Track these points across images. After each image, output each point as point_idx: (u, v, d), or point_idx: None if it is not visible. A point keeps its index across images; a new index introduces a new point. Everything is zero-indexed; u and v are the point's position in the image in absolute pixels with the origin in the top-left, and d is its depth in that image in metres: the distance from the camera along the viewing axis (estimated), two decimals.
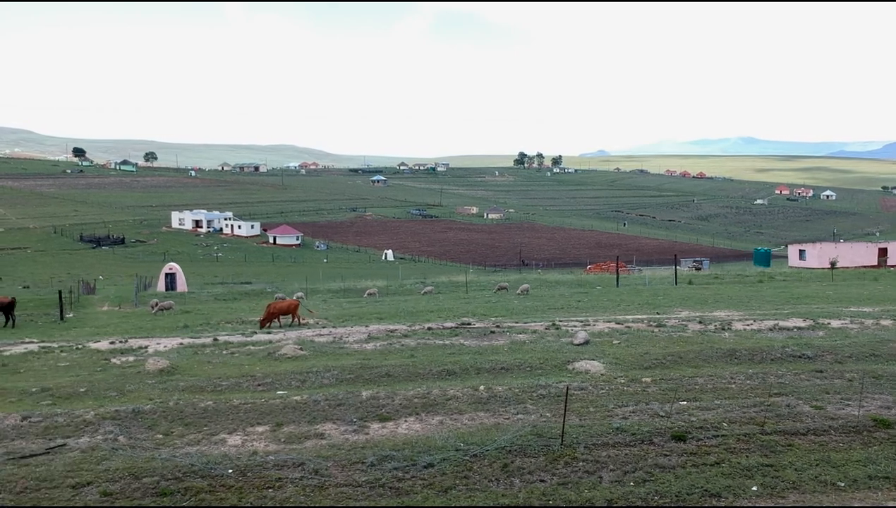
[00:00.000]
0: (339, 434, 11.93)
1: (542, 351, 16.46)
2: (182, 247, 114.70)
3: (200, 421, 12.37)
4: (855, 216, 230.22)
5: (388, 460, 10.86)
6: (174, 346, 18.11)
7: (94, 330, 23.78)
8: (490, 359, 15.61)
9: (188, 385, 14.24)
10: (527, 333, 18.77)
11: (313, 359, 16.15)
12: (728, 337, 18.10)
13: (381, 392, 13.49)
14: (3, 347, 18.49)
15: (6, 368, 16.19)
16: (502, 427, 12.11)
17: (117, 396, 13.76)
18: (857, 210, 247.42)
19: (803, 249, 54.98)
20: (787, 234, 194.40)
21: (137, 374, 15.02)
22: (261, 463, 10.78)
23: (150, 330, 22.38)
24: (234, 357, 16.81)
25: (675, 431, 11.85)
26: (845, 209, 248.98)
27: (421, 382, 14.32)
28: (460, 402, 13.18)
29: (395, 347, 17.39)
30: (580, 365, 14.90)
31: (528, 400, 13.29)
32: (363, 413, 12.64)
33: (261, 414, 12.65)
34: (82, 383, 14.41)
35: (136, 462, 10.80)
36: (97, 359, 16.91)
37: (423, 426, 12.29)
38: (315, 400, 13.14)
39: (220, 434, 11.91)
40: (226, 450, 11.28)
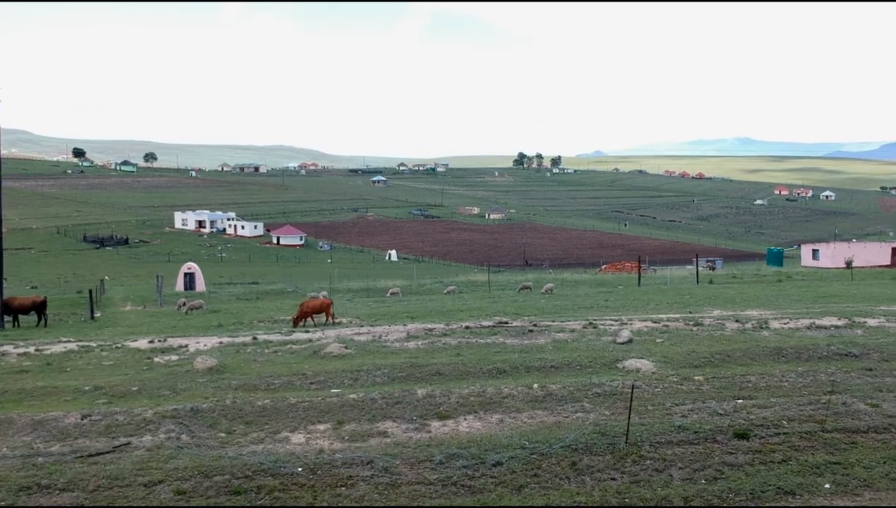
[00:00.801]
0: (401, 433, 11.93)
1: (587, 350, 16.47)
2: (186, 247, 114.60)
3: (261, 420, 12.35)
4: (855, 216, 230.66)
5: (455, 458, 10.85)
6: (215, 345, 18.08)
7: (127, 329, 23.75)
8: (538, 358, 15.62)
9: (240, 383, 14.22)
10: (565, 332, 18.78)
11: (360, 358, 16.14)
12: (768, 335, 18.12)
13: (436, 390, 13.48)
14: (42, 346, 18.45)
15: (51, 367, 16.15)
16: (563, 426, 12.12)
17: (171, 395, 13.74)
18: (856, 210, 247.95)
19: (816, 249, 55.10)
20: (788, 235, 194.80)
21: (187, 373, 15.00)
22: (329, 461, 10.76)
23: (183, 329, 22.34)
24: (278, 355, 16.79)
25: (737, 429, 11.86)
26: (845, 209, 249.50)
27: (473, 380, 14.31)
28: (517, 400, 13.18)
29: (438, 346, 17.38)
30: (630, 363, 14.91)
31: (584, 398, 13.29)
32: (422, 411, 12.64)
33: (320, 412, 12.64)
34: (134, 382, 14.39)
35: (204, 460, 10.78)
36: (140, 358, 16.89)
37: (483, 424, 12.29)
38: (372, 398, 13.13)
39: (282, 433, 11.90)
40: (291, 448, 11.27)
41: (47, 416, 12.35)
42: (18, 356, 17.54)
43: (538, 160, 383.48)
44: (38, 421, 12.19)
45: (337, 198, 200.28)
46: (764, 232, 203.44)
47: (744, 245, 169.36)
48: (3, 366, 16.38)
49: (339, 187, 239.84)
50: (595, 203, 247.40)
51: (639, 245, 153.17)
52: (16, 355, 17.61)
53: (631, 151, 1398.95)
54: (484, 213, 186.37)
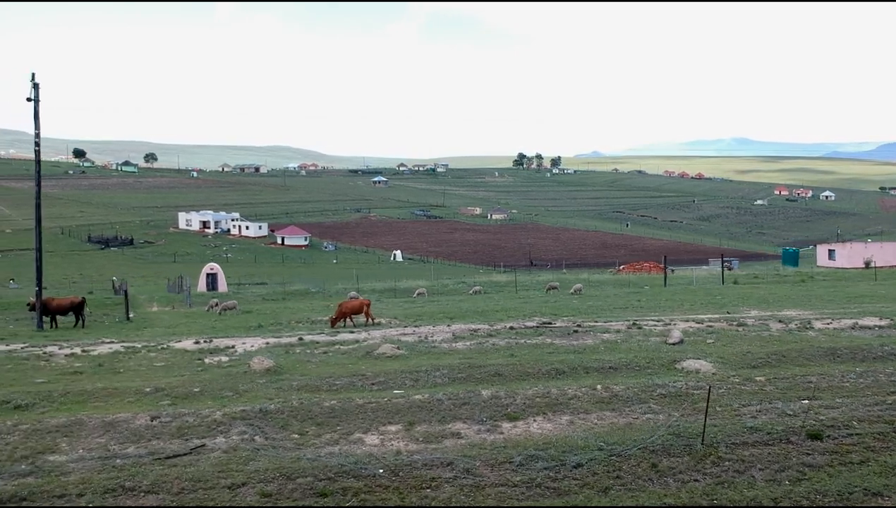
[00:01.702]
0: (473, 434, 11.90)
1: (640, 351, 16.46)
2: (191, 247, 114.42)
3: (331, 421, 12.31)
4: (855, 216, 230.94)
5: (535, 460, 10.82)
6: (262, 346, 18.04)
7: (166, 330, 23.67)
8: (594, 359, 15.60)
9: (301, 384, 14.18)
10: (611, 332, 18.77)
11: (414, 359, 16.11)
12: (815, 336, 18.13)
13: (500, 391, 13.46)
14: (87, 347, 18.40)
15: (103, 368, 16.09)
16: (635, 427, 12.10)
17: (234, 396, 13.69)
18: (856, 210, 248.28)
19: (832, 249, 55.18)
20: (789, 235, 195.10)
21: (245, 374, 14.95)
22: (409, 463, 10.73)
23: (223, 329, 22.28)
24: (330, 356, 16.75)
25: (810, 430, 11.84)
26: (845, 209, 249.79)
27: (534, 381, 14.29)
28: (582, 402, 13.16)
29: (487, 347, 17.36)
30: (688, 364, 14.90)
31: (650, 399, 13.28)
32: (491, 412, 12.61)
33: (389, 413, 12.60)
34: (194, 383, 14.34)
35: (283, 462, 10.74)
36: (190, 359, 16.84)
37: (553, 426, 12.26)
38: (438, 399, 13.10)
39: (355, 434, 11.87)
40: (368, 450, 11.24)
41: (117, 418, 12.29)
42: (66, 356, 17.49)
43: (538, 160, 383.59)
44: (108, 422, 12.13)
45: (339, 198, 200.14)
46: (765, 232, 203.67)
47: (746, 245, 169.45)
48: (54, 367, 16.32)
49: (340, 187, 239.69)
50: (596, 203, 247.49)
51: (642, 245, 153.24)
52: (63, 356, 17.55)
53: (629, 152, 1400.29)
54: (486, 214, 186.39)
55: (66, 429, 11.85)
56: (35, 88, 24.62)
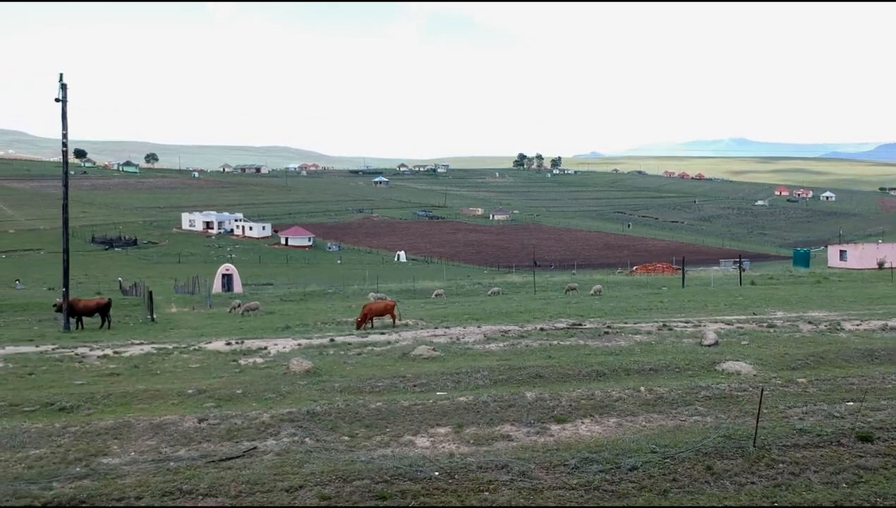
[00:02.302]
0: (523, 436, 11.88)
1: (676, 352, 16.46)
2: (194, 248, 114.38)
3: (380, 423, 12.28)
4: (856, 217, 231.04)
5: (589, 462, 10.80)
6: (294, 347, 18.01)
7: (192, 331, 23.63)
8: (632, 360, 15.59)
9: (343, 386, 14.15)
10: (642, 334, 18.76)
11: (451, 360, 16.09)
12: (847, 337, 18.14)
13: (544, 393, 13.45)
14: (118, 348, 18.36)
15: (139, 370, 16.06)
16: (685, 430, 12.08)
17: (277, 398, 13.66)
18: (857, 211, 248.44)
19: (844, 250, 55.23)
20: (791, 235, 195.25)
21: (284, 375, 14.92)
22: (464, 465, 10.70)
23: (250, 331, 22.24)
24: (364, 357, 16.73)
25: (859, 432, 11.83)
26: (845, 210, 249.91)
27: (576, 383, 14.28)
28: (628, 404, 13.14)
29: (521, 348, 17.34)
30: (728, 366, 14.89)
31: (695, 401, 13.26)
32: (538, 414, 12.59)
33: (436, 415, 12.58)
34: (235, 384, 14.31)
35: (338, 465, 10.71)
36: (225, 360, 16.80)
37: (602, 428, 12.25)
38: (483, 401, 13.08)
39: (405, 436, 11.84)
40: (420, 452, 11.22)
41: (165, 420, 12.26)
42: (99, 358, 17.44)
43: (538, 161, 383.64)
44: (156, 424, 12.10)
45: (340, 198, 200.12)
46: (766, 233, 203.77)
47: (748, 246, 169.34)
48: (89, 369, 16.28)
49: (341, 188, 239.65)
50: (597, 204, 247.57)
51: (644, 246, 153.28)
52: (95, 357, 17.51)
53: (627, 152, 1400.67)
54: (488, 214, 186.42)
55: (115, 431, 11.82)
56: (63, 89, 24.63)
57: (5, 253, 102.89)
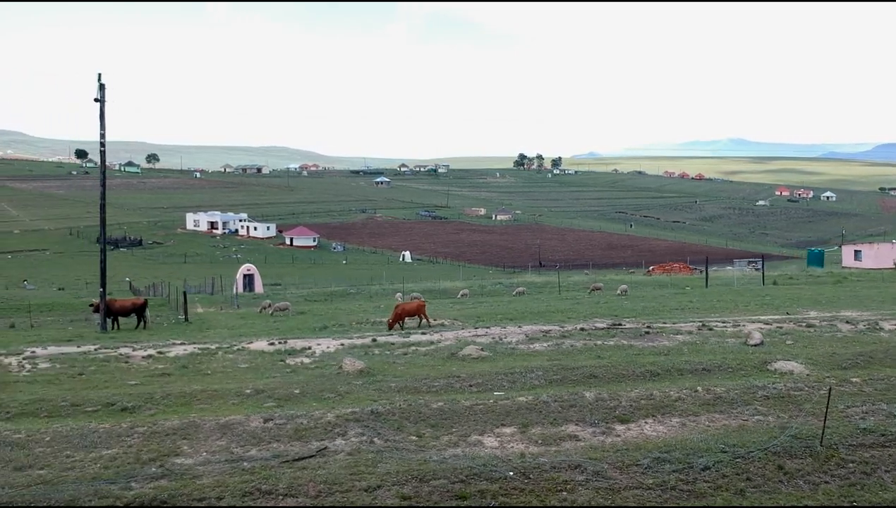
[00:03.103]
0: (589, 436, 11.91)
1: (724, 352, 16.52)
2: (200, 248, 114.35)
3: (444, 423, 12.31)
4: (857, 217, 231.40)
5: (662, 462, 10.84)
6: (338, 347, 18.03)
7: (229, 331, 23.64)
8: (683, 360, 15.64)
9: (400, 385, 14.18)
10: (682, 334, 18.80)
11: (500, 360, 16.13)
12: (889, 337, 18.25)
13: (602, 393, 13.48)
14: (162, 349, 18.37)
15: (188, 370, 16.08)
16: (749, 429, 12.12)
17: (336, 397, 13.69)
18: (858, 211, 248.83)
19: (859, 250, 55.41)
20: (792, 235, 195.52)
21: (338, 375, 14.95)
22: (537, 465, 10.74)
23: (288, 331, 22.24)
24: (412, 357, 16.76)
25: None
26: (846, 210, 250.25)
27: (631, 383, 14.32)
28: (687, 404, 13.17)
29: (566, 348, 17.38)
30: (780, 365, 14.94)
31: (754, 401, 13.30)
32: (601, 414, 12.62)
33: (499, 415, 12.61)
34: (291, 384, 14.34)
35: (411, 465, 10.74)
36: (272, 360, 16.83)
37: (666, 428, 12.28)
38: (543, 401, 13.11)
39: (472, 436, 11.87)
40: (490, 452, 11.25)
41: (230, 420, 12.28)
42: (143, 358, 17.45)
43: (539, 161, 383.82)
44: (222, 424, 12.12)
45: (343, 199, 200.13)
46: (768, 233, 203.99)
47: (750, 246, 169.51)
48: (138, 369, 16.30)
49: (343, 188, 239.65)
50: (598, 204, 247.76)
51: (647, 246, 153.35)
52: (140, 357, 17.52)
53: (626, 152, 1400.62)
54: (490, 214, 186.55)
55: (183, 431, 11.84)
56: (101, 89, 24.62)
57: (11, 253, 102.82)
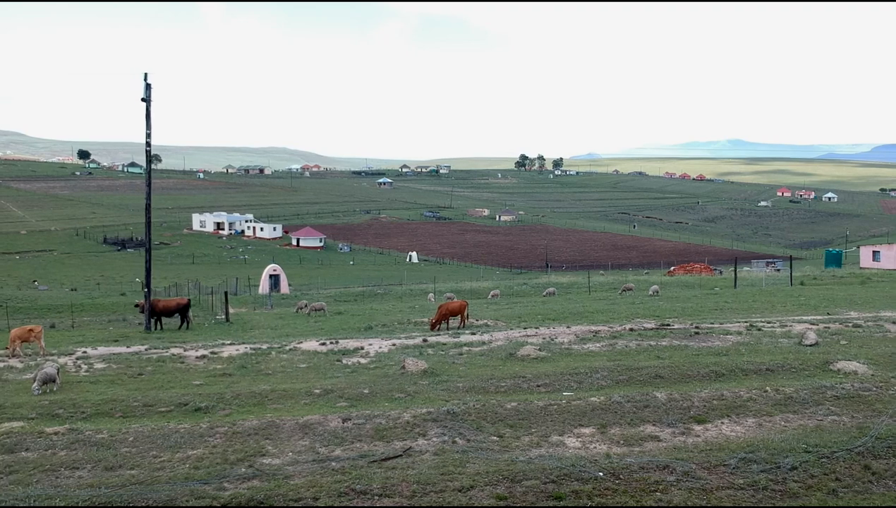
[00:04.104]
0: (669, 436, 11.94)
1: (781, 352, 16.56)
2: (207, 249, 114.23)
3: (522, 423, 12.34)
4: (859, 218, 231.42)
5: (748, 462, 10.87)
6: (390, 348, 18.05)
7: (272, 331, 23.63)
8: (743, 361, 15.66)
9: (467, 386, 14.19)
10: (732, 334, 18.83)
11: (560, 360, 16.15)
12: None
13: (674, 393, 13.51)
14: (214, 349, 18.37)
15: (247, 370, 16.08)
16: (826, 429, 12.15)
17: (406, 398, 13.70)
18: (859, 212, 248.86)
19: (877, 250, 55.52)
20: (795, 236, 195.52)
21: (402, 375, 14.96)
22: (625, 466, 10.77)
23: (333, 331, 22.23)
24: (469, 358, 16.77)
25: None
26: (848, 211, 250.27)
27: (697, 384, 14.33)
28: (759, 404, 13.19)
29: (620, 349, 17.40)
30: (842, 366, 14.96)
31: (825, 401, 13.33)
32: (677, 415, 12.65)
33: (574, 415, 12.63)
34: (358, 384, 14.35)
35: (499, 465, 10.77)
36: (329, 360, 16.84)
37: (743, 428, 12.31)
38: (616, 401, 13.13)
39: (552, 437, 11.90)
40: (575, 452, 11.28)
41: (309, 420, 12.30)
42: (197, 358, 17.46)
43: (540, 162, 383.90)
44: (302, 424, 12.14)
45: (346, 199, 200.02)
46: (771, 233, 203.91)
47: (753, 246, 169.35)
48: (196, 369, 16.30)
49: (345, 189, 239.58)
50: (600, 204, 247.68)
51: (652, 246, 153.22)
52: (193, 357, 17.53)
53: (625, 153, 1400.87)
54: (494, 215, 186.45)
55: (264, 432, 11.85)
56: (147, 88, 24.62)
57: (19, 253, 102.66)
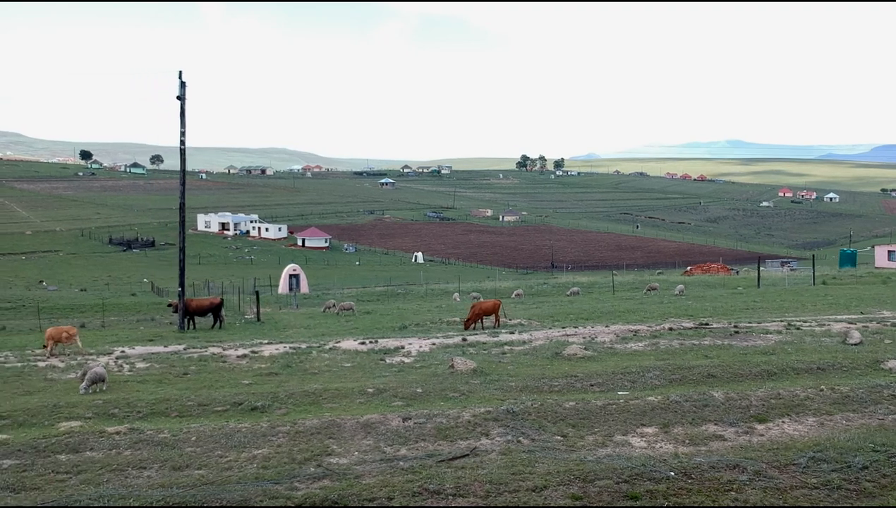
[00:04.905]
0: (733, 436, 11.86)
1: (827, 351, 16.51)
2: (213, 250, 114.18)
3: (583, 422, 12.25)
4: (861, 218, 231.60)
5: (818, 462, 10.77)
6: (431, 347, 17.99)
7: (307, 331, 23.54)
8: (793, 360, 15.60)
9: (520, 385, 14.11)
10: (772, 333, 18.76)
11: (607, 360, 16.08)
12: None
13: (731, 392, 13.43)
14: (253, 348, 18.30)
15: (292, 369, 16.00)
16: (889, 428, 12.07)
17: (461, 397, 13.63)
18: (861, 212, 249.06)
19: (892, 250, 55.63)
20: (798, 236, 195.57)
21: (452, 374, 14.88)
22: (695, 465, 10.67)
23: (368, 330, 22.17)
24: (514, 357, 16.71)
25: None
26: (850, 211, 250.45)
27: (751, 382, 14.27)
28: (817, 403, 13.12)
29: (664, 348, 17.33)
30: (893, 364, 14.88)
31: (883, 400, 13.26)
32: (737, 414, 12.56)
33: (635, 414, 12.55)
34: (409, 384, 14.27)
35: (569, 465, 10.67)
36: (373, 360, 16.77)
37: (805, 427, 12.22)
38: (674, 401, 13.05)
39: (615, 436, 11.81)
40: (642, 452, 11.19)
41: (370, 419, 12.22)
42: (238, 357, 17.40)
43: (541, 162, 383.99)
44: (362, 423, 12.05)
45: (349, 200, 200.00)
46: (774, 234, 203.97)
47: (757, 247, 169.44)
48: (240, 368, 16.23)
49: (348, 189, 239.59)
50: (603, 205, 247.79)
51: (656, 247, 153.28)
52: (234, 357, 17.46)
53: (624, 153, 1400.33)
54: (497, 215, 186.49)
55: (326, 431, 11.76)
56: (182, 86, 24.57)
57: (24, 254, 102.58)
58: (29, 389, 14.36)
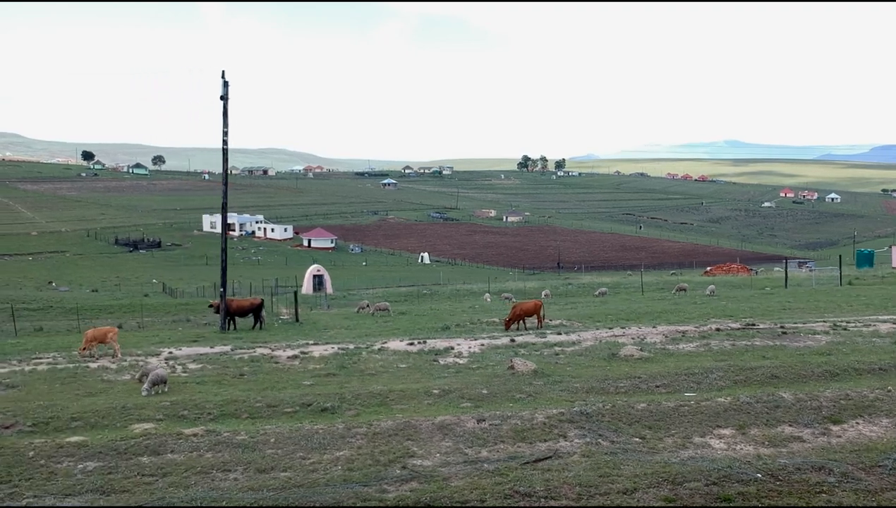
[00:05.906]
0: (811, 437, 11.84)
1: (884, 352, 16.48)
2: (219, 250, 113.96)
3: (658, 424, 12.21)
4: (863, 218, 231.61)
5: None
6: (480, 347, 17.95)
7: (348, 331, 23.48)
8: (852, 360, 15.61)
9: (585, 386, 14.07)
10: (819, 334, 18.76)
11: (665, 361, 16.04)
12: None
13: (800, 394, 13.39)
14: (302, 349, 18.24)
15: (348, 370, 15.95)
16: None
17: (528, 398, 13.59)
18: (863, 212, 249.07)
19: None
20: (801, 237, 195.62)
21: (514, 376, 14.83)
22: (781, 467, 10.66)
23: (410, 331, 22.13)
24: (568, 358, 16.66)
25: None
26: (851, 212, 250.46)
27: (815, 383, 14.24)
28: (887, 404, 13.11)
29: (716, 348, 17.31)
30: None
31: None
32: (810, 415, 12.54)
33: (708, 416, 12.51)
34: (472, 385, 14.23)
35: (654, 467, 10.65)
36: (426, 360, 16.73)
37: (880, 429, 12.20)
38: (745, 402, 13.02)
39: (694, 438, 11.78)
40: (724, 454, 11.18)
41: (444, 421, 12.17)
42: (289, 358, 17.35)
43: (542, 163, 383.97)
44: (438, 425, 12.01)
45: (352, 200, 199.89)
46: (776, 234, 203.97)
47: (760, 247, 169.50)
48: (296, 369, 16.18)
49: (351, 190, 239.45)
50: (605, 205, 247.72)
51: (660, 247, 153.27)
52: (285, 357, 17.41)
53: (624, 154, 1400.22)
54: (501, 216, 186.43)
55: (403, 432, 11.72)
56: (225, 86, 24.53)
57: (31, 255, 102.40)
58: (90, 391, 14.30)
